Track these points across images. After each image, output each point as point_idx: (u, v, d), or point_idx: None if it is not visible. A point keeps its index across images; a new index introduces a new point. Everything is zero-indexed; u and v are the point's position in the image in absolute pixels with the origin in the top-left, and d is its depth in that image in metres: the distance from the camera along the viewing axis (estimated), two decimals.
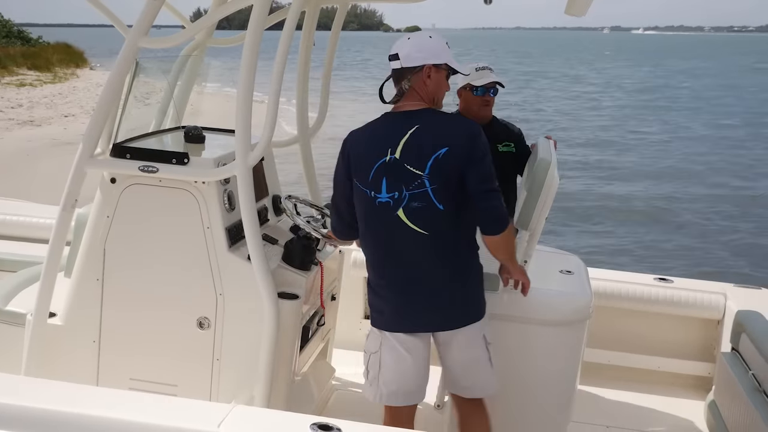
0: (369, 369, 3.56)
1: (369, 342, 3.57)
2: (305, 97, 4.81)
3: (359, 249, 5.34)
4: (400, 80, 3.39)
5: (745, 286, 5.39)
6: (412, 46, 3.36)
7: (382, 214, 3.36)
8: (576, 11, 3.59)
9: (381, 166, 3.33)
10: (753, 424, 3.75)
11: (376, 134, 3.41)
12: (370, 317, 3.58)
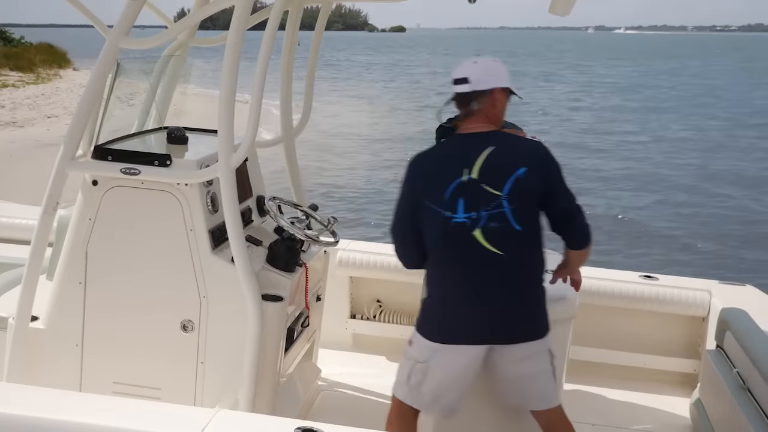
0: (411, 375, 3.57)
1: (416, 350, 3.57)
2: (289, 97, 4.79)
3: (344, 249, 5.39)
4: (467, 102, 3.44)
5: (730, 282, 5.40)
6: (483, 71, 3.42)
7: (456, 235, 3.36)
8: (559, 10, 3.59)
9: (458, 186, 3.35)
10: (737, 421, 3.76)
11: (448, 155, 3.44)
12: (423, 328, 3.55)
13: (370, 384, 4.91)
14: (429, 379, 3.54)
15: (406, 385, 3.61)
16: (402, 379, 3.63)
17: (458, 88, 3.44)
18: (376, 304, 5.58)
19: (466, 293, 3.42)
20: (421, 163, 3.49)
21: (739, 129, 30.78)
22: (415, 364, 3.56)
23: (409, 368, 3.59)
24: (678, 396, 4.96)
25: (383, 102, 38.19)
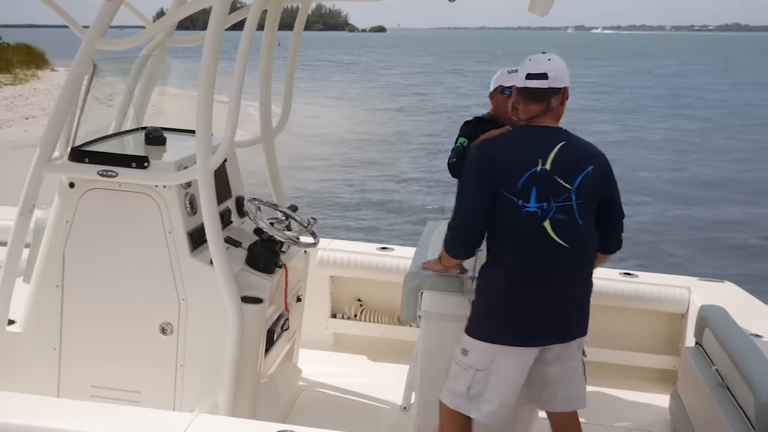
0: (472, 385, 3.47)
1: (473, 358, 3.47)
2: (268, 97, 4.77)
3: (325, 248, 5.38)
4: (541, 97, 3.40)
5: (709, 279, 5.44)
6: (559, 68, 3.40)
7: (527, 224, 3.34)
8: (538, 10, 3.60)
9: (532, 175, 3.33)
10: (715, 418, 3.78)
11: (521, 143, 3.42)
12: (484, 333, 3.46)
13: (352, 384, 4.90)
14: (492, 387, 3.45)
15: (465, 397, 3.49)
16: (460, 390, 3.50)
17: (535, 83, 3.38)
18: (356, 303, 5.58)
19: (536, 289, 3.39)
20: (493, 151, 3.43)
21: (717, 129, 30.94)
22: (475, 373, 3.46)
23: (468, 379, 3.47)
24: (657, 393, 4.98)
25: (361, 103, 38.13)
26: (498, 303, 3.43)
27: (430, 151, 23.50)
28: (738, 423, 3.57)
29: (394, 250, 5.50)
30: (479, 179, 3.39)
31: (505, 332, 3.42)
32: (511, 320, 3.42)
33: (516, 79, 3.51)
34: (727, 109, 38.83)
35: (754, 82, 56.21)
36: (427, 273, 3.90)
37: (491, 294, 3.45)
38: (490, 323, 3.45)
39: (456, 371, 3.53)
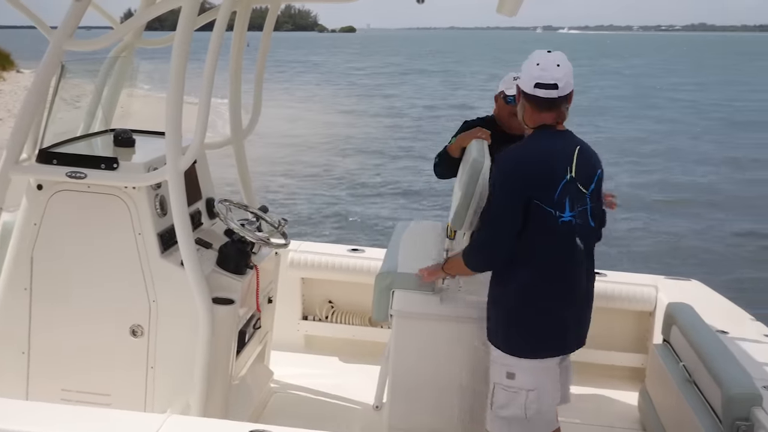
0: (528, 407, 3.40)
1: (522, 380, 3.40)
2: (238, 98, 4.75)
3: (296, 250, 5.37)
4: (554, 107, 3.36)
5: (676, 277, 5.51)
6: (566, 74, 3.34)
7: (563, 234, 3.32)
8: (507, 11, 3.62)
9: (565, 185, 3.30)
10: (683, 413, 3.84)
11: (548, 153, 3.35)
12: (528, 351, 3.41)
13: (323, 385, 4.91)
14: (545, 400, 3.45)
15: (525, 422, 3.42)
16: (516, 416, 3.42)
17: (547, 93, 3.32)
18: (328, 305, 5.58)
19: (569, 296, 3.41)
20: (525, 161, 3.35)
21: (685, 129, 31.22)
22: (528, 394, 3.40)
23: (522, 402, 3.40)
24: (626, 390, 5.04)
25: (331, 103, 38.08)
26: (542, 319, 3.39)
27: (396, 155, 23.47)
28: (705, 417, 3.63)
29: (364, 252, 5.51)
30: (514, 194, 3.30)
31: (553, 345, 3.44)
32: (557, 332, 3.43)
33: (521, 83, 3.43)
34: (693, 108, 39.15)
35: (722, 81, 56.79)
36: (398, 272, 3.91)
37: (532, 310, 3.39)
38: (537, 340, 3.41)
39: (504, 398, 3.45)
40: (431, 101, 39.82)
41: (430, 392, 3.92)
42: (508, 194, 3.31)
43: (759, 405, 3.42)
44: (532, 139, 3.42)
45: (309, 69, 66.88)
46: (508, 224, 3.31)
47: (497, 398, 3.47)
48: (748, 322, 4.78)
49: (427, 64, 76.27)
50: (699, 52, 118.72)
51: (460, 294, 3.90)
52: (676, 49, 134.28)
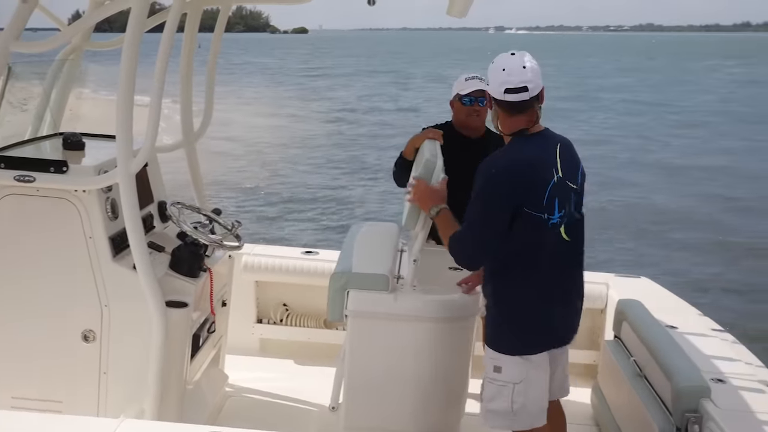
0: (514, 400, 3.44)
1: (509, 373, 3.44)
2: (189, 100, 4.72)
3: (249, 253, 5.35)
4: (527, 109, 3.34)
5: (626, 275, 5.60)
6: (534, 74, 3.32)
7: (551, 235, 3.34)
8: (456, 12, 3.65)
9: (552, 187, 3.30)
10: (635, 407, 3.91)
11: (535, 157, 3.34)
12: (515, 347, 3.44)
13: (279, 388, 4.89)
14: (532, 394, 3.47)
15: (511, 414, 3.46)
16: (503, 409, 3.46)
17: (517, 96, 3.30)
18: (282, 307, 5.57)
19: (559, 293, 3.46)
20: (513, 171, 3.31)
21: (622, 129, 31.33)
22: (514, 387, 3.44)
23: (508, 395, 3.44)
24: (580, 386, 5.09)
25: (282, 105, 37.87)
26: (529, 315, 3.43)
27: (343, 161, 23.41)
28: (656, 411, 3.70)
29: (318, 254, 5.51)
30: (502, 203, 3.30)
31: (540, 340, 3.47)
32: (545, 328, 3.47)
33: (490, 89, 3.42)
34: (634, 108, 39.46)
35: (667, 81, 57.60)
36: (353, 272, 3.92)
37: (519, 307, 3.44)
38: (519, 336, 3.45)
39: (492, 391, 3.49)
40: (376, 103, 39.77)
41: (385, 392, 3.93)
42: (496, 203, 3.31)
43: (707, 397, 3.50)
44: (513, 146, 3.40)
45: (259, 70, 66.39)
46: (494, 231, 3.33)
47: (486, 392, 3.53)
48: (696, 317, 4.88)
49: (377, 65, 76.33)
50: (645, 52, 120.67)
51: (415, 293, 3.92)
52: (623, 49, 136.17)
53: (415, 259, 3.89)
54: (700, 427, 3.44)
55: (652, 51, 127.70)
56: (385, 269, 3.91)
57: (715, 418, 3.38)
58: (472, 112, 4.55)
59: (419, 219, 3.81)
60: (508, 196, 3.28)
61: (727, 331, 4.66)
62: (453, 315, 3.91)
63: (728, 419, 3.37)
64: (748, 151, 25.58)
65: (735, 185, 19.71)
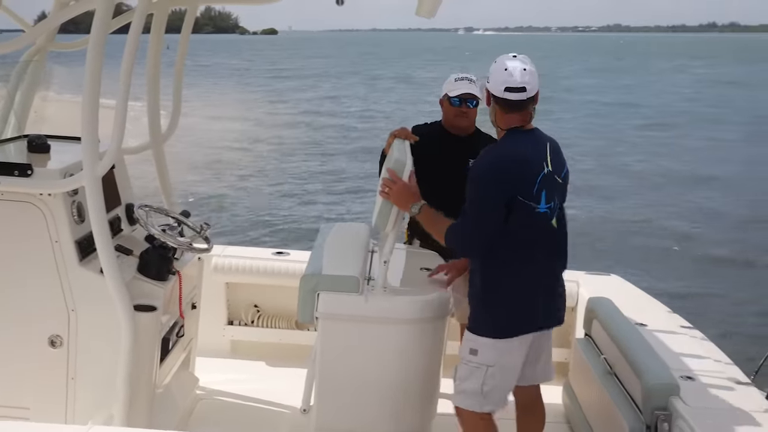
0: (486, 382, 3.63)
1: (483, 356, 3.62)
2: (157, 102, 4.67)
3: (219, 254, 5.31)
4: (523, 108, 3.58)
5: (596, 273, 5.64)
6: (532, 76, 3.55)
7: (540, 224, 3.57)
8: (425, 13, 3.65)
9: (542, 179, 3.54)
10: (605, 405, 3.93)
11: (527, 150, 3.59)
12: (492, 330, 3.60)
13: (250, 390, 4.86)
14: (501, 377, 3.66)
15: (480, 395, 3.65)
16: (473, 389, 3.66)
17: (516, 96, 3.53)
18: (253, 309, 5.54)
19: (540, 281, 3.66)
20: (506, 162, 3.55)
21: (585, 130, 31.30)
22: (487, 369, 3.63)
23: (481, 377, 3.63)
24: (551, 385, 5.11)
25: (248, 107, 37.62)
26: (515, 301, 3.61)
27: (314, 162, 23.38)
28: (626, 408, 3.72)
29: (289, 255, 5.49)
30: (498, 191, 3.51)
31: (522, 325, 3.63)
32: (527, 314, 3.64)
33: (490, 86, 3.60)
34: (595, 108, 39.54)
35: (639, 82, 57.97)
36: (323, 274, 3.90)
37: (506, 294, 3.61)
38: (496, 320, 3.63)
39: (465, 371, 3.68)
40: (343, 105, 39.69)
41: (357, 393, 3.92)
42: (493, 192, 3.51)
43: (676, 395, 3.53)
44: (506, 140, 3.63)
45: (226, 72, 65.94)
46: (493, 220, 3.52)
47: (460, 372, 3.71)
48: (665, 314, 4.93)
49: (346, 66, 76.24)
50: (613, 52, 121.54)
51: (386, 294, 3.91)
52: (591, 50, 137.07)
53: (386, 260, 3.88)
54: (669, 424, 3.47)
55: (620, 51, 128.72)
56: (355, 271, 3.90)
57: (684, 415, 3.41)
58: (460, 113, 4.59)
59: (389, 219, 3.80)
60: (504, 184, 3.50)
61: (695, 328, 4.71)
62: (424, 316, 3.91)
63: (697, 417, 3.40)
64: (710, 149, 25.82)
65: (693, 189, 19.89)
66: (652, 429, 3.53)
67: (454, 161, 4.44)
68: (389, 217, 3.80)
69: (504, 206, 3.50)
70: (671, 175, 21.53)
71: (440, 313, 3.96)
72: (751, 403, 3.64)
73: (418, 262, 4.42)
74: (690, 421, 3.37)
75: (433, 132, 4.65)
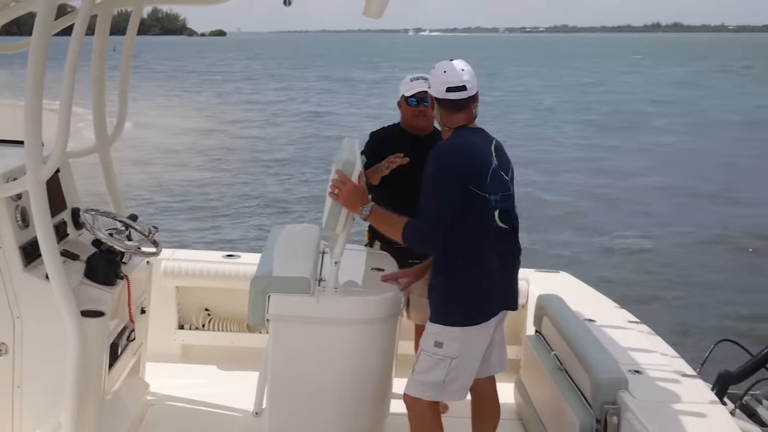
0: (448, 374, 3.71)
1: (448, 348, 3.69)
2: (102, 104, 4.60)
3: (169, 258, 5.25)
4: (465, 107, 3.72)
5: (545, 270, 5.71)
6: (471, 76, 3.72)
7: (492, 216, 3.68)
8: (372, 13, 3.66)
9: (493, 171, 3.67)
10: (556, 400, 3.98)
11: (477, 144, 3.72)
12: (455, 319, 3.68)
13: (202, 394, 4.82)
14: (464, 369, 3.75)
15: (440, 387, 3.74)
16: (434, 381, 3.73)
17: (457, 95, 3.68)
18: (204, 312, 5.50)
19: (496, 269, 3.73)
20: (459, 154, 3.66)
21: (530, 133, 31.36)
22: (451, 361, 3.71)
23: (444, 369, 3.71)
24: (503, 382, 5.16)
25: (188, 109, 37.21)
26: (470, 288, 3.69)
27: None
28: (576, 403, 3.77)
29: (240, 257, 5.46)
30: (452, 182, 3.60)
31: (480, 312, 3.71)
32: (490, 298, 3.74)
33: (432, 90, 3.75)
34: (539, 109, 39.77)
35: (584, 82, 58.60)
36: (274, 276, 3.89)
37: (466, 281, 3.69)
38: (457, 310, 3.70)
39: (428, 363, 3.74)
40: (287, 106, 39.48)
41: (309, 395, 3.92)
42: (447, 183, 3.60)
43: (625, 389, 3.59)
44: (456, 135, 3.74)
45: (169, 74, 65.04)
46: (449, 210, 3.59)
47: (421, 364, 3.77)
48: (613, 309, 5.00)
49: (292, 67, 75.87)
50: (560, 53, 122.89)
51: (337, 295, 3.90)
52: (538, 50, 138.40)
53: (337, 261, 3.88)
54: (618, 418, 3.52)
55: (568, 52, 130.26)
56: (306, 272, 3.89)
57: (632, 408, 3.47)
58: (418, 113, 4.62)
59: (340, 220, 3.80)
60: (455, 175, 3.59)
61: (642, 323, 4.79)
62: (375, 316, 3.92)
63: (645, 410, 3.46)
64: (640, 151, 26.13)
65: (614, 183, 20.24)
66: (601, 423, 3.59)
67: (415, 162, 4.46)
68: (339, 218, 3.80)
69: (458, 196, 3.58)
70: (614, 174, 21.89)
71: (392, 313, 3.98)
72: (697, 395, 3.72)
73: (369, 262, 4.43)
74: (638, 414, 3.43)
75: (392, 135, 4.69)
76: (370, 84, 55.14)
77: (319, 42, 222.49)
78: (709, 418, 3.52)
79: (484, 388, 4.02)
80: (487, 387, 4.03)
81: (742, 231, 15.48)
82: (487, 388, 4.03)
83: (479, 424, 4.08)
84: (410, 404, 3.82)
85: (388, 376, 4.13)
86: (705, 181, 20.49)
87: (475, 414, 4.09)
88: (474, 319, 3.71)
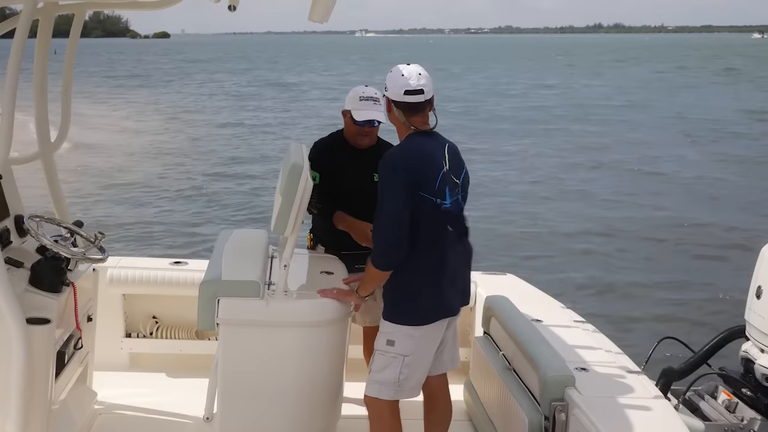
0: (402, 371, 3.77)
1: (400, 346, 3.75)
2: (44, 109, 4.53)
3: (115, 266, 5.19)
4: (421, 110, 3.78)
5: (492, 272, 5.78)
6: (428, 80, 3.78)
7: (446, 218, 3.74)
8: (317, 17, 3.66)
9: (442, 176, 3.72)
10: (505, 399, 4.04)
11: (427, 148, 3.77)
12: (408, 318, 3.74)
13: (151, 402, 4.78)
14: (416, 366, 3.81)
15: (396, 385, 3.79)
16: (389, 379, 3.78)
17: (414, 98, 3.74)
18: (152, 320, 5.44)
19: (448, 269, 3.79)
20: (408, 158, 3.71)
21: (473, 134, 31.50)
22: (403, 359, 3.76)
23: (397, 367, 3.77)
24: (452, 383, 5.20)
25: (121, 114, 36.65)
26: (423, 288, 3.75)
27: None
28: (525, 401, 3.83)
29: (188, 264, 5.41)
30: (403, 187, 3.65)
31: (432, 310, 3.78)
32: (442, 298, 3.79)
33: (389, 92, 3.78)
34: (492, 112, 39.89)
35: (527, 85, 59.00)
36: (223, 280, 3.87)
37: (413, 282, 3.75)
38: (410, 309, 3.76)
39: (382, 362, 3.80)
40: (222, 111, 39.10)
41: (260, 399, 3.91)
42: (398, 189, 3.65)
43: (572, 386, 3.67)
44: (408, 140, 3.80)
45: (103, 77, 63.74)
46: (403, 216, 3.65)
47: (375, 363, 3.83)
48: (559, 309, 5.09)
49: (232, 70, 75.18)
50: (503, 54, 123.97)
51: (287, 298, 3.91)
52: (482, 51, 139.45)
53: (286, 264, 3.88)
54: (566, 414, 3.59)
55: (510, 53, 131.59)
56: (255, 275, 3.88)
57: (579, 405, 3.54)
58: (362, 133, 4.58)
59: (289, 223, 3.80)
60: (406, 180, 3.64)
61: (588, 321, 4.88)
62: (325, 318, 3.93)
63: (592, 405, 3.53)
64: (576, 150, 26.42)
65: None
66: (550, 420, 3.65)
67: (358, 171, 4.49)
68: (288, 222, 3.80)
69: (410, 199, 3.64)
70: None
71: (341, 315, 3.99)
72: (642, 390, 3.81)
73: (318, 266, 4.44)
74: (585, 409, 3.50)
75: (335, 144, 4.66)
76: (305, 86, 54.86)
77: (262, 43, 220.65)
78: (654, 412, 3.61)
79: (436, 386, 4.06)
80: (438, 384, 4.07)
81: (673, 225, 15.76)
82: (438, 386, 4.07)
83: (431, 424, 4.11)
84: (369, 404, 3.86)
85: (339, 378, 4.15)
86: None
87: (427, 413, 4.12)
88: (426, 318, 3.76)
